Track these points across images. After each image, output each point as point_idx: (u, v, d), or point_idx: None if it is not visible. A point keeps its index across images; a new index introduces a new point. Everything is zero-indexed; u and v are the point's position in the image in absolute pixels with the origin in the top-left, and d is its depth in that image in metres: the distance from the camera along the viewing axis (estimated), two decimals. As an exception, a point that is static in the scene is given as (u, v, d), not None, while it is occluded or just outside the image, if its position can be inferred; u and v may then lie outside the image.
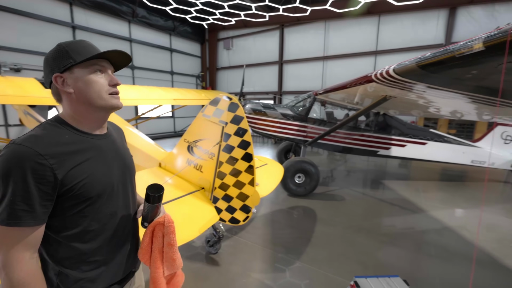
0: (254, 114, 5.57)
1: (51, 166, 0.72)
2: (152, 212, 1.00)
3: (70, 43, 0.82)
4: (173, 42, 13.32)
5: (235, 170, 2.10)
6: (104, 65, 0.85)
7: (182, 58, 13.98)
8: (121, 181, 0.93)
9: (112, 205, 0.89)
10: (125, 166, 0.97)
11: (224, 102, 2.21)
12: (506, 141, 5.78)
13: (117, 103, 0.87)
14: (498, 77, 1.50)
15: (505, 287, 2.49)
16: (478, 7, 8.73)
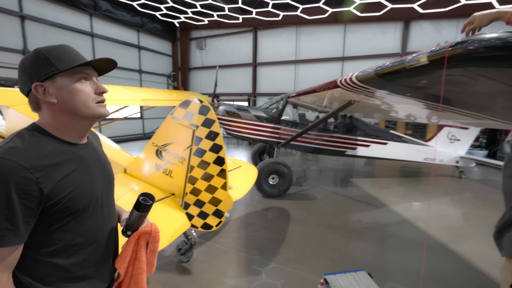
0: (227, 116, 5.59)
1: (36, 180, 0.68)
2: (139, 221, 0.98)
3: (51, 49, 0.76)
4: (141, 39, 12.72)
5: (207, 174, 2.12)
6: (89, 72, 0.81)
7: (151, 56, 13.44)
8: (105, 191, 0.90)
9: (97, 217, 0.86)
10: (107, 174, 0.94)
11: (195, 105, 2.21)
12: (451, 141, 6.51)
13: (104, 111, 0.83)
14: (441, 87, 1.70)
15: (452, 268, 2.79)
16: (427, 22, 9.78)
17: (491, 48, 1.09)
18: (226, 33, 13.77)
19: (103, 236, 0.89)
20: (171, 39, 14.60)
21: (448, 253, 3.12)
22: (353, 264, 2.83)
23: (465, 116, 2.65)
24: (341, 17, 9.57)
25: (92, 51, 10.48)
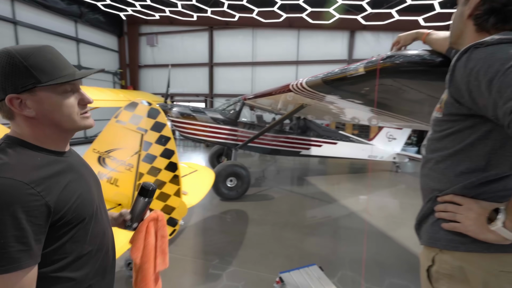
0: (182, 118, 5.42)
1: (40, 194, 0.62)
2: (144, 210, 0.99)
3: (29, 56, 0.64)
4: (80, 31, 11.34)
5: (158, 181, 2.03)
6: (74, 82, 0.72)
7: (93, 51, 12.10)
8: (99, 195, 0.86)
9: (102, 222, 0.83)
10: (95, 178, 0.89)
11: (143, 107, 2.09)
12: (389, 139, 7.34)
13: (89, 123, 0.77)
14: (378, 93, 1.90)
15: (390, 252, 3.14)
16: (369, 32, 10.88)
17: (412, 63, 1.26)
18: (180, 30, 13.29)
19: (108, 240, 0.87)
20: (117, 33, 13.44)
21: (387, 239, 3.50)
22: (308, 259, 2.98)
23: (397, 119, 3.01)
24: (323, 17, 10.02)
25: (15, 41, 8.94)
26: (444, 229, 0.83)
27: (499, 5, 0.76)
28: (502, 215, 0.69)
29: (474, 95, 0.71)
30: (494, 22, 0.78)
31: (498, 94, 0.62)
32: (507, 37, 0.68)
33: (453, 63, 0.78)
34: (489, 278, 0.75)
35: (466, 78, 0.72)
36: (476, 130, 0.77)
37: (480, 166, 0.78)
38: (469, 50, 0.73)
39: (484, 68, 0.67)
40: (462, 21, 0.87)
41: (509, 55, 0.63)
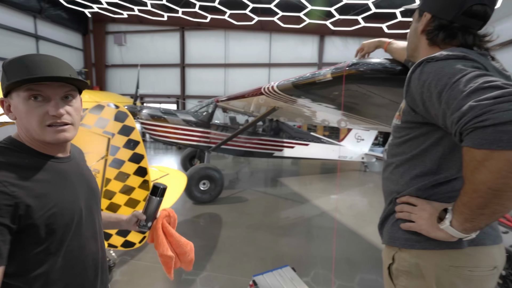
0: (152, 120, 5.23)
1: (12, 194, 0.61)
2: (157, 208, 1.02)
3: (11, 61, 0.66)
4: (40, 28, 10.60)
5: (127, 187, 1.94)
6: (42, 89, 0.67)
7: (54, 49, 11.36)
8: (88, 207, 0.82)
9: (81, 236, 0.77)
10: (91, 190, 0.86)
11: (109, 110, 1.99)
12: (358, 140, 7.73)
13: (53, 138, 0.70)
14: (345, 98, 1.99)
15: (359, 249, 3.29)
16: (337, 37, 11.40)
17: (375, 70, 1.34)
18: (150, 30, 12.86)
19: (89, 257, 0.81)
20: (82, 30, 12.71)
21: (356, 237, 3.67)
22: (281, 260, 3.03)
23: (364, 122, 3.18)
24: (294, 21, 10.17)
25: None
26: (402, 229, 0.89)
27: (446, 22, 0.85)
28: (449, 215, 0.75)
29: (427, 105, 0.77)
30: (443, 37, 0.87)
31: (446, 105, 0.68)
32: (454, 54, 0.76)
33: (409, 75, 0.85)
34: (440, 272, 0.82)
35: (420, 89, 0.78)
36: (429, 137, 0.85)
37: (432, 169, 0.85)
38: (422, 64, 0.80)
39: (435, 81, 0.73)
40: (416, 36, 0.96)
41: (455, 70, 0.70)
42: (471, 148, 0.63)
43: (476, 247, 0.81)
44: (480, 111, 0.59)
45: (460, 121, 0.63)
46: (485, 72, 0.69)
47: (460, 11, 0.82)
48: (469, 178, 0.66)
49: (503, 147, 0.57)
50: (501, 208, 0.64)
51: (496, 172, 0.59)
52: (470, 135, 0.62)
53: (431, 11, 0.89)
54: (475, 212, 0.68)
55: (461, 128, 0.64)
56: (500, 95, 0.58)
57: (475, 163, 0.63)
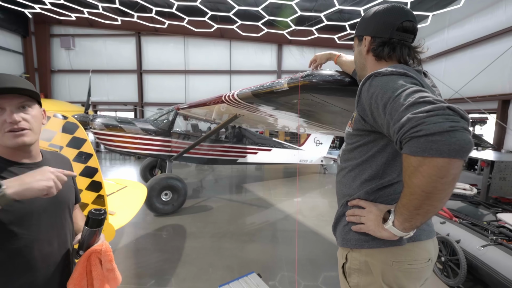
0: (107, 130, 4.89)
1: None
2: (90, 239, 0.97)
3: None
4: (-32, 28, 9.43)
5: (81, 203, 1.79)
6: None
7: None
8: (46, 211, 0.88)
9: (31, 234, 0.83)
10: (56, 198, 0.87)
11: (56, 121, 1.83)
12: (317, 144, 8.15)
13: (12, 142, 0.81)
14: (302, 106, 2.11)
15: (321, 249, 3.45)
16: (294, 47, 12.01)
17: (326, 82, 1.46)
18: (102, 34, 12.09)
19: (39, 258, 0.86)
20: (21, 32, 11.45)
21: (319, 238, 3.85)
22: (247, 267, 3.04)
23: (321, 128, 3.38)
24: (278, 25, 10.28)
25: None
26: (353, 231, 0.98)
27: (386, 39, 1.00)
28: (392, 216, 0.85)
29: (375, 115, 0.86)
30: (388, 51, 1.00)
31: (390, 116, 0.77)
32: (397, 70, 0.87)
33: (360, 87, 0.94)
34: (385, 268, 0.93)
35: (368, 100, 0.87)
36: (376, 144, 0.95)
37: (378, 174, 0.96)
38: (370, 78, 0.90)
39: (381, 94, 0.82)
40: (362, 57, 1.10)
41: (397, 85, 0.80)
42: (408, 155, 0.71)
43: (413, 242, 0.93)
44: (416, 122, 0.68)
45: (400, 131, 0.72)
46: (421, 88, 0.78)
47: (394, 28, 0.97)
48: (407, 182, 0.75)
49: (432, 155, 0.66)
50: (432, 208, 0.74)
51: (428, 176, 0.68)
52: (408, 143, 0.71)
53: (370, 33, 1.04)
54: (412, 212, 0.77)
55: (400, 137, 0.72)
56: (431, 109, 0.68)
57: (411, 169, 0.71)
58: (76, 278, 0.95)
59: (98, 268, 0.98)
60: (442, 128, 0.64)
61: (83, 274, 0.96)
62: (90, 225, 0.94)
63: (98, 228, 0.97)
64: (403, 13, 0.98)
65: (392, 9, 0.99)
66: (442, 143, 0.64)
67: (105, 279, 1.00)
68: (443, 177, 0.67)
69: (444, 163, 0.65)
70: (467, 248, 2.60)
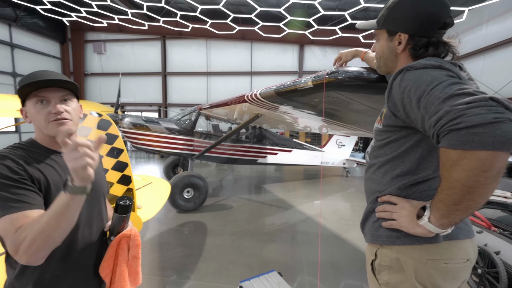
0: (134, 128, 5.13)
1: (25, 169, 0.81)
2: (120, 225, 1.03)
3: (25, 76, 0.86)
4: (15, 36, 10.30)
5: (111, 195, 1.90)
6: (44, 94, 0.87)
7: (31, 57, 11.02)
8: (86, 199, 0.90)
9: None
10: (93, 184, 0.93)
11: (92, 119, 1.96)
12: (339, 146, 7.95)
13: (55, 130, 0.89)
14: (326, 105, 2.09)
15: (344, 253, 3.37)
16: (316, 47, 11.82)
17: (352, 78, 1.43)
18: (131, 38, 12.70)
19: (81, 240, 0.94)
20: (60, 39, 12.34)
21: (340, 241, 3.75)
22: (267, 266, 3.04)
23: (345, 128, 3.31)
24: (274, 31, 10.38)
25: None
26: (384, 227, 0.95)
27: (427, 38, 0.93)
28: (428, 212, 0.82)
29: (407, 110, 0.83)
30: (432, 52, 0.94)
31: (425, 110, 0.75)
32: (430, 63, 0.83)
33: (390, 82, 0.91)
34: (419, 266, 0.89)
35: (400, 95, 0.85)
36: (409, 139, 0.92)
37: (412, 170, 0.92)
38: (402, 72, 0.87)
39: (414, 88, 0.79)
40: (392, 54, 1.02)
41: (432, 78, 0.77)
42: (447, 149, 0.69)
43: (450, 241, 0.88)
44: (455, 115, 0.66)
45: (437, 124, 0.70)
46: (459, 80, 0.74)
47: (438, 26, 0.91)
48: (446, 176, 0.72)
49: (474, 148, 0.63)
50: (474, 203, 0.71)
51: (469, 170, 0.65)
52: (446, 136, 0.68)
53: (409, 31, 0.95)
54: (451, 208, 0.74)
55: (438, 131, 0.70)
56: (472, 100, 0.65)
57: (450, 162, 0.69)
58: (106, 261, 1.02)
59: (124, 253, 1.04)
60: (485, 119, 0.61)
61: (112, 258, 1.02)
62: (119, 212, 1.00)
63: (126, 215, 1.02)
64: (447, 9, 0.91)
65: (435, 3, 0.90)
66: (486, 135, 0.61)
67: (127, 266, 1.04)
68: (486, 170, 0.64)
69: (487, 156, 0.62)
70: (508, 260, 2.41)
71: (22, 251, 0.72)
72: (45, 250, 0.75)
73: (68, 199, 0.73)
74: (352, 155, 8.55)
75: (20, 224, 0.74)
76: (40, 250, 0.73)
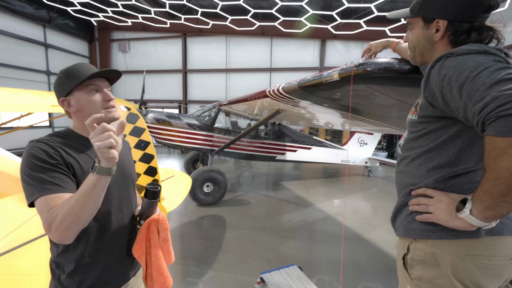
0: (157, 124, 5.28)
1: (62, 155, 0.88)
2: (149, 209, 1.09)
3: (68, 69, 0.94)
4: (49, 37, 10.89)
5: (137, 186, 1.96)
6: (97, 83, 0.96)
7: (62, 56, 11.62)
8: (117, 184, 1.02)
9: (106, 204, 0.95)
10: (122, 170, 1.06)
11: (121, 113, 2.04)
12: (361, 144, 7.72)
13: (113, 115, 0.98)
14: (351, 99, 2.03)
15: (365, 253, 3.28)
16: (339, 41, 11.43)
17: (383, 70, 1.38)
18: (153, 37, 13.03)
19: (114, 224, 1.01)
20: (88, 38, 12.93)
21: (362, 241, 3.66)
22: (286, 261, 3.03)
23: (369, 124, 3.21)
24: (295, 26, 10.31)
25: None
26: (417, 220, 0.91)
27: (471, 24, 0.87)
28: (469, 204, 0.77)
29: (447, 99, 0.79)
30: (475, 37, 0.87)
31: (468, 97, 0.71)
32: (474, 48, 0.78)
33: (428, 70, 0.86)
34: (457, 261, 0.84)
35: (439, 83, 0.80)
36: (448, 130, 0.87)
37: (450, 161, 0.87)
38: (442, 59, 0.82)
39: (456, 75, 0.75)
40: (429, 42, 0.96)
41: (477, 64, 0.72)
42: (494, 137, 0.65)
43: (494, 236, 0.83)
44: (504, 100, 0.62)
45: (483, 111, 0.66)
46: (507, 65, 0.70)
47: (482, 9, 0.85)
48: (492, 166, 0.68)
49: None
50: None
51: None
52: (493, 123, 0.64)
53: (448, 17, 0.89)
54: (497, 199, 0.70)
55: (483, 118, 0.66)
56: None
57: (498, 151, 0.65)
58: (138, 243, 1.08)
59: (155, 236, 1.09)
60: None
61: (144, 240, 1.09)
62: (149, 197, 1.05)
63: (155, 200, 1.07)
64: None
65: None
66: None
67: (160, 248, 1.10)
68: None
69: None
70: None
71: (54, 228, 0.78)
72: (74, 228, 0.80)
73: (95, 179, 0.78)
74: (375, 154, 8.28)
75: (53, 204, 0.80)
76: (70, 228, 0.79)
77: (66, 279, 0.92)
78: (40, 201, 0.81)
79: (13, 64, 9.55)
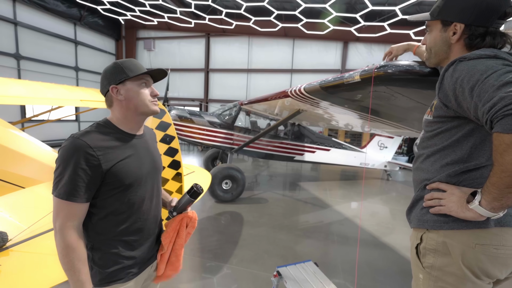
0: (180, 120, 5.49)
1: (97, 157, 0.93)
2: (186, 205, 1.18)
3: (124, 62, 1.04)
4: (78, 34, 11.54)
5: (162, 178, 2.10)
6: (147, 79, 1.08)
7: (91, 53, 12.27)
8: (150, 175, 1.11)
9: (140, 193, 1.06)
10: (154, 161, 1.16)
11: None
12: (381, 148, 7.54)
13: (156, 109, 1.09)
14: (372, 100, 2.05)
15: (382, 255, 3.25)
16: (361, 44, 11.27)
17: (403, 72, 1.40)
18: (177, 36, 13.45)
19: (145, 211, 1.10)
20: (115, 36, 13.58)
21: (379, 244, 3.62)
22: (302, 259, 3.04)
23: (389, 126, 3.17)
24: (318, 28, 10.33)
25: (14, 41, 9.12)
26: (431, 213, 0.96)
27: (486, 28, 0.92)
28: (478, 196, 0.83)
29: (460, 100, 0.85)
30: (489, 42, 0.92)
31: (478, 98, 0.77)
32: (485, 53, 0.84)
33: (442, 73, 0.93)
34: (466, 250, 0.89)
35: (452, 85, 0.86)
36: (461, 129, 0.92)
37: (463, 158, 0.92)
38: (455, 63, 0.88)
39: (467, 77, 0.81)
40: (446, 44, 1.02)
41: (487, 68, 0.78)
42: (500, 133, 0.71)
43: (502, 227, 0.87)
44: (510, 100, 0.68)
45: (491, 110, 0.72)
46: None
47: (497, 16, 0.90)
48: (498, 160, 0.74)
49: None
50: None
51: None
52: (500, 121, 0.71)
53: (466, 21, 0.94)
54: (503, 191, 0.75)
55: (492, 116, 0.72)
56: None
57: (504, 146, 0.71)
58: (168, 232, 1.18)
59: (184, 230, 1.20)
60: None
61: (174, 231, 1.19)
62: (191, 195, 1.13)
63: (195, 199, 1.16)
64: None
65: None
66: None
67: (184, 240, 1.22)
68: None
69: None
70: None
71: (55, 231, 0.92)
72: None
73: None
74: (395, 158, 8.05)
75: (60, 209, 0.91)
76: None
77: (101, 259, 1.00)
78: (54, 199, 0.92)
79: (44, 60, 10.15)
